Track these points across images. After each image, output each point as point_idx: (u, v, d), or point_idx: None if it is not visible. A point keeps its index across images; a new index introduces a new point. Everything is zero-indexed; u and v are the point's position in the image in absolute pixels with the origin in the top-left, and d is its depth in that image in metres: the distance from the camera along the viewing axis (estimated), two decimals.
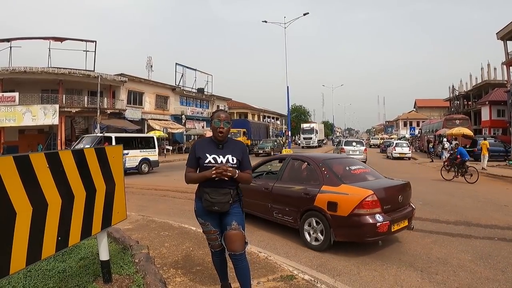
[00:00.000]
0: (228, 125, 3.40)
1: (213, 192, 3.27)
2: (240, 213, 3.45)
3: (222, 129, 3.35)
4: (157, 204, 10.47)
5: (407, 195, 6.28)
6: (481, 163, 19.99)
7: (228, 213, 3.37)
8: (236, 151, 3.44)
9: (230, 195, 3.33)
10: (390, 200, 5.78)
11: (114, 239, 5.52)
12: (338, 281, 4.62)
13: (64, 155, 3.05)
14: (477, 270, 5.00)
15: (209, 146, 3.41)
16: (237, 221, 3.37)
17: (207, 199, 3.28)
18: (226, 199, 3.30)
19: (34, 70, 29.71)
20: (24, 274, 3.82)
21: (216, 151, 3.38)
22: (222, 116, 3.40)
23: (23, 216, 2.62)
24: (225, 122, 3.37)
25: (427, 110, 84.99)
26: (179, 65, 45.31)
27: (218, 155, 3.35)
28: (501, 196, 11.49)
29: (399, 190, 6.10)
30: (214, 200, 3.26)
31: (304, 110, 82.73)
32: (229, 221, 3.36)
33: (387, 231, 5.43)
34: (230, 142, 3.50)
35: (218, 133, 3.36)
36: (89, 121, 34.86)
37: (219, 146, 3.40)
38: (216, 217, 3.41)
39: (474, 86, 53.17)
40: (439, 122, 38.21)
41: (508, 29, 32.77)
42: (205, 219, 3.44)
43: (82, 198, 3.18)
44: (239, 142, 3.70)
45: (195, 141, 3.66)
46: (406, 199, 6.21)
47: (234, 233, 3.34)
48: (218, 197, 3.27)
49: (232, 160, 3.36)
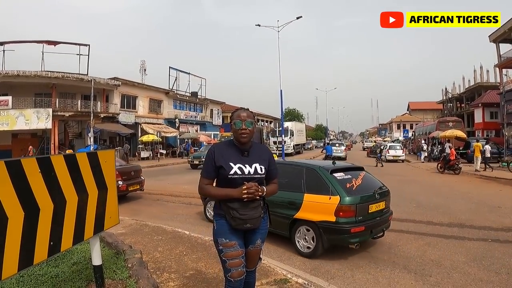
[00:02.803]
0: (252, 126, 2.83)
1: (243, 207, 2.73)
2: (266, 228, 3.02)
3: (245, 130, 2.79)
4: (151, 208, 10.43)
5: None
6: (474, 165, 20.14)
7: (256, 229, 2.88)
8: (263, 158, 2.92)
9: (260, 208, 2.83)
10: None
11: (107, 243, 5.49)
12: (332, 284, 4.63)
13: (56, 160, 3.03)
14: (470, 272, 5.02)
15: (232, 153, 2.84)
16: (262, 239, 2.96)
17: (236, 217, 2.72)
18: (258, 214, 2.80)
19: (28, 74, 29.49)
20: (16, 279, 3.79)
21: (241, 159, 2.82)
22: (243, 115, 2.83)
23: (15, 221, 2.59)
24: (248, 122, 2.81)
25: (421, 113, 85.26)
26: (173, 68, 45.24)
27: (245, 165, 2.80)
28: (494, 197, 11.56)
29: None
30: (245, 217, 2.73)
31: (297, 114, 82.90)
32: (254, 239, 2.91)
33: None
34: (255, 147, 2.95)
35: (241, 136, 2.80)
36: (82, 125, 34.69)
37: (244, 153, 2.84)
38: (242, 235, 2.87)
39: (467, 89, 53.46)
40: (433, 125, 38.46)
41: (500, 31, 33.02)
42: (231, 238, 2.80)
43: (74, 203, 3.15)
44: (264, 146, 3.23)
45: (212, 145, 3.05)
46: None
47: (255, 251, 2.94)
48: (249, 212, 2.74)
49: (261, 170, 2.84)
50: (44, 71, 30.85)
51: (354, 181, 5.95)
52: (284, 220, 6.09)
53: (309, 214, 5.82)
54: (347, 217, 5.43)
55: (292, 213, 5.98)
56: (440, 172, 20.06)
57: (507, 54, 34.56)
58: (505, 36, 33.39)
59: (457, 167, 19.11)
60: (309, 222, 5.81)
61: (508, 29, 31.48)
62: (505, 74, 36.32)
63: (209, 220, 7.90)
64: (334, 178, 5.89)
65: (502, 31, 32.43)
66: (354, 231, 5.39)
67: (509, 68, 35.70)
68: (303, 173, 6.28)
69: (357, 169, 6.60)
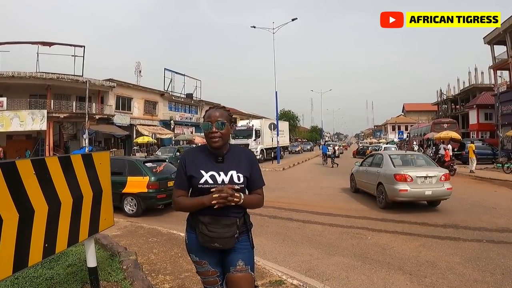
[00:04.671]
0: (224, 127, 2.38)
1: (213, 222, 2.34)
2: (248, 248, 2.51)
3: (215, 133, 2.36)
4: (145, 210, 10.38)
5: None
6: (470, 166, 20.22)
7: (232, 249, 2.44)
8: (243, 164, 2.47)
9: (236, 227, 2.38)
10: None
11: (102, 245, 5.47)
12: (327, 285, 4.63)
13: (50, 162, 3.02)
14: (465, 273, 5.04)
15: (204, 159, 2.44)
16: (244, 260, 2.45)
17: (204, 233, 2.34)
18: (231, 233, 2.36)
19: (22, 75, 29.38)
20: (11, 281, 3.76)
21: (214, 166, 2.41)
22: (213, 115, 2.40)
23: (9, 223, 2.58)
24: (218, 122, 2.37)
25: (415, 114, 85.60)
26: (168, 70, 45.26)
27: (218, 172, 2.40)
28: (489, 198, 11.61)
29: None
30: (213, 235, 2.32)
31: (293, 115, 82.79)
32: (233, 259, 2.44)
33: None
34: (233, 152, 2.52)
35: (211, 140, 2.38)
36: (77, 126, 34.58)
37: (218, 159, 2.43)
38: (216, 253, 2.46)
39: (461, 90, 53.76)
40: (427, 126, 38.67)
41: (495, 33, 33.24)
42: (200, 256, 2.47)
43: (69, 205, 3.14)
44: (245, 150, 2.67)
45: (184, 152, 2.68)
46: None
47: (240, 276, 2.43)
48: (219, 230, 2.33)
49: (238, 179, 2.40)
50: (39, 72, 30.78)
51: (158, 168, 9.97)
52: (116, 195, 8.48)
53: (131, 189, 9.37)
54: (154, 189, 9.24)
55: (121, 189, 9.32)
56: None
57: (502, 56, 34.80)
58: (499, 38, 33.61)
59: (452, 168, 19.18)
60: (132, 194, 9.42)
61: (502, 31, 31.67)
62: (499, 75, 36.60)
63: None
64: (145, 166, 9.75)
65: (496, 33, 32.67)
66: (159, 197, 9.30)
67: (503, 69, 35.93)
68: (126, 163, 9.93)
69: (161, 161, 10.89)
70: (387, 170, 10.25)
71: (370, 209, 9.88)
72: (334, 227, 7.89)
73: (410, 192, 9.37)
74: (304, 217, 8.16)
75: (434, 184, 9.54)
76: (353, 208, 10.11)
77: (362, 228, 7.73)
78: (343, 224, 8.10)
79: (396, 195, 9.53)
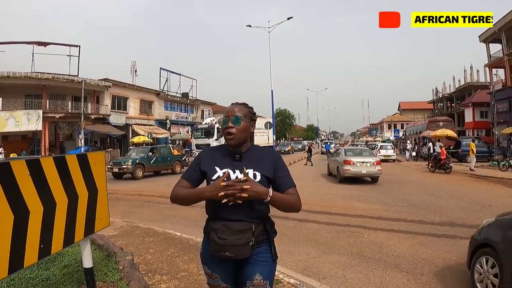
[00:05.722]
0: (240, 123, 2.15)
1: (223, 228, 2.05)
2: (268, 261, 2.22)
3: (231, 128, 2.13)
4: (142, 210, 10.40)
5: None
6: (470, 164, 20.29)
7: (250, 260, 2.14)
8: (263, 163, 2.18)
9: (251, 233, 2.07)
10: None
11: (98, 246, 5.45)
12: (324, 284, 4.63)
13: (45, 162, 3.00)
14: (462, 270, 5.05)
15: (221, 157, 2.22)
16: (263, 274, 2.16)
17: (214, 240, 2.06)
18: (244, 240, 2.04)
19: (17, 75, 29.27)
20: (7, 283, 3.74)
21: (230, 163, 2.17)
22: (231, 110, 2.20)
23: (5, 224, 2.57)
24: (235, 117, 2.15)
25: (411, 113, 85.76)
26: (164, 69, 45.23)
27: (234, 170, 2.13)
28: (485, 196, 11.66)
29: None
30: (223, 242, 2.02)
31: (288, 114, 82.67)
32: (250, 272, 2.14)
33: None
34: (254, 151, 2.26)
35: (227, 137, 2.16)
36: (73, 126, 34.50)
37: (236, 157, 2.18)
38: (229, 265, 2.18)
39: (457, 88, 53.97)
40: (423, 124, 38.73)
41: (490, 32, 33.38)
42: (213, 268, 2.20)
43: (64, 205, 3.13)
44: (268, 149, 2.40)
45: (203, 149, 2.50)
46: None
47: None
48: (230, 236, 2.02)
49: (254, 177, 2.11)
50: (35, 72, 30.69)
51: None
52: None
53: None
54: None
55: None
56: (431, 171, 20.25)
57: (497, 54, 34.98)
58: (495, 36, 33.80)
59: (448, 166, 19.31)
60: None
61: (498, 29, 31.82)
62: (495, 73, 36.75)
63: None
64: None
65: (492, 31, 32.80)
66: None
67: (499, 67, 36.13)
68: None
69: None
70: (341, 159, 16.19)
71: (367, 208, 9.90)
72: (331, 225, 7.89)
73: (352, 171, 15.44)
74: (301, 215, 8.14)
75: (368, 167, 15.51)
76: (350, 206, 10.12)
77: (359, 226, 7.74)
78: (340, 223, 8.11)
79: (344, 173, 15.60)
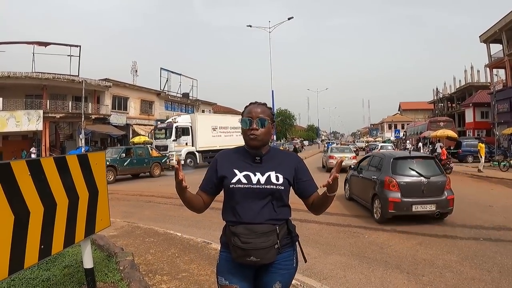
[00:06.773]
0: (265, 124, 2.07)
1: (246, 232, 1.93)
2: (289, 269, 2.07)
3: (256, 130, 2.04)
4: (142, 210, 10.38)
5: None
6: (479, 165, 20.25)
7: (270, 269, 2.02)
8: (284, 166, 2.11)
9: (275, 235, 1.98)
10: None
11: (98, 246, 5.45)
12: (324, 284, 4.62)
13: (46, 163, 3.00)
14: (463, 271, 5.04)
15: (240, 160, 2.12)
16: (282, 283, 2.04)
17: (237, 245, 1.93)
18: (269, 243, 1.94)
19: (18, 75, 29.30)
20: (8, 283, 3.74)
21: (250, 166, 2.07)
22: (255, 111, 2.08)
23: (5, 225, 2.57)
24: (260, 119, 2.06)
25: (412, 113, 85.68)
26: (164, 70, 45.17)
27: (254, 172, 2.04)
28: (486, 196, 11.64)
29: None
30: (248, 246, 1.90)
31: (289, 114, 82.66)
32: (269, 281, 2.03)
33: None
34: (274, 153, 2.17)
35: (250, 138, 2.06)
36: (73, 126, 34.54)
37: (256, 159, 2.08)
38: (250, 276, 2.05)
39: (458, 89, 53.93)
40: (424, 125, 38.81)
41: (491, 32, 33.43)
42: (231, 279, 2.03)
43: (65, 206, 3.13)
44: (288, 152, 2.33)
45: (219, 152, 2.26)
46: None
47: None
48: (254, 239, 1.91)
49: (277, 179, 2.03)
50: (35, 72, 30.72)
51: None
52: None
53: None
54: None
55: None
56: None
57: (498, 54, 34.97)
58: (495, 36, 33.80)
59: (449, 167, 19.28)
60: None
61: (498, 30, 31.81)
62: (495, 74, 36.76)
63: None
64: None
65: (492, 31, 32.82)
66: None
67: (499, 68, 36.14)
68: None
69: None
70: (327, 154, 22.35)
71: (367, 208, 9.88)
72: (331, 226, 7.88)
73: (334, 163, 18.06)
74: (301, 216, 8.13)
75: (346, 160, 19.47)
76: (350, 206, 10.11)
77: (359, 227, 7.73)
78: (340, 223, 8.10)
79: (329, 165, 20.87)
